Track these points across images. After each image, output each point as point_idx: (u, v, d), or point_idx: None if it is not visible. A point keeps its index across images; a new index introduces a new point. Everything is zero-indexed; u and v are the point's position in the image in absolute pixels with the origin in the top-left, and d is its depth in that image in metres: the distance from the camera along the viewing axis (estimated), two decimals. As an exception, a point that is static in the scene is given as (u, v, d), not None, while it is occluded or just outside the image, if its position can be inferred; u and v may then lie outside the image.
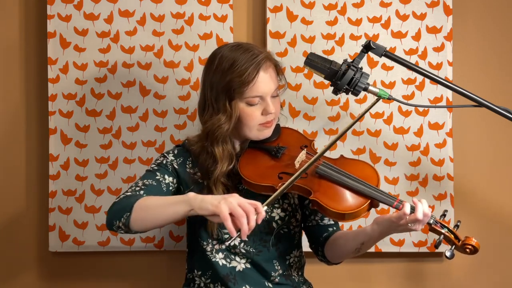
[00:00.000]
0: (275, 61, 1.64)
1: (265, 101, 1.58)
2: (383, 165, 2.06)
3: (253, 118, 1.58)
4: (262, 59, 1.57)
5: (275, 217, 1.59)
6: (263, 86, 1.57)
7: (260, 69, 1.56)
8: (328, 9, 2.05)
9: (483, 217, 2.14)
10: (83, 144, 2.02)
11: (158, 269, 2.10)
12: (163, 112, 2.04)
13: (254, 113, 1.58)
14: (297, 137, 1.69)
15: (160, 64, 2.04)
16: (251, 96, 1.56)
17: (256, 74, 1.55)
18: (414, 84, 2.06)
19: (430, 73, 1.51)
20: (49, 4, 2.01)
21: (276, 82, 1.62)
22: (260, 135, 1.62)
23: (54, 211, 2.02)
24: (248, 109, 1.58)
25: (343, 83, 1.48)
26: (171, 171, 1.63)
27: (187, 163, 1.65)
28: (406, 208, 1.44)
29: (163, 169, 1.63)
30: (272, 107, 1.58)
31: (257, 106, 1.59)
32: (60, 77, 2.02)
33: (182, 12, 2.04)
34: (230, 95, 1.56)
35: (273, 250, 1.60)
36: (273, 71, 1.61)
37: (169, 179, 1.61)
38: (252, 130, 1.60)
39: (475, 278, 2.15)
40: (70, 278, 2.10)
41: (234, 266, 1.58)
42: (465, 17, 2.12)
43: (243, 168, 1.56)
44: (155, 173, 1.61)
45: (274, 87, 1.59)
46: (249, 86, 1.54)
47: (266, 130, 1.62)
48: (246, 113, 1.58)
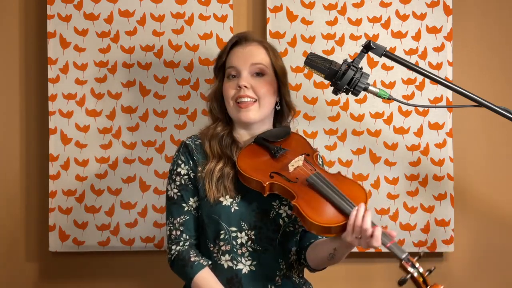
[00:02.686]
0: (261, 41, 1.67)
1: (240, 75, 1.61)
2: (383, 165, 2.06)
3: (227, 91, 1.62)
4: (239, 35, 1.66)
5: (282, 214, 1.59)
6: (236, 58, 1.62)
7: (237, 43, 1.64)
8: (328, 9, 2.06)
9: (483, 217, 2.14)
10: (83, 144, 2.03)
11: (158, 269, 2.10)
12: (163, 112, 2.04)
13: (229, 87, 1.62)
14: (303, 144, 1.66)
15: (160, 64, 2.04)
16: (226, 68, 1.63)
17: (232, 48, 1.64)
18: (414, 84, 2.06)
19: (430, 73, 1.51)
20: (49, 4, 2.01)
21: (259, 60, 1.61)
22: (237, 116, 1.61)
23: (54, 211, 2.02)
24: (226, 83, 1.63)
25: (343, 83, 1.48)
26: (190, 188, 1.62)
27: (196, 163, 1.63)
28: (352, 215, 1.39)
29: (184, 191, 1.62)
30: (243, 81, 1.58)
31: (233, 80, 1.62)
32: (60, 77, 2.02)
33: (182, 12, 2.04)
34: (216, 73, 1.68)
35: (279, 248, 1.60)
36: (257, 50, 1.63)
37: (193, 200, 1.62)
38: (231, 107, 1.63)
39: (475, 278, 2.15)
40: (70, 278, 2.10)
41: (240, 269, 1.57)
42: (465, 17, 2.12)
43: (241, 160, 1.57)
44: (181, 205, 1.61)
45: (251, 62, 1.61)
46: (225, 58, 1.64)
47: (242, 111, 1.60)
48: (224, 86, 1.64)
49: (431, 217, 2.07)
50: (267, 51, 1.64)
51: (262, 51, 1.64)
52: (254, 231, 1.56)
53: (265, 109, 1.62)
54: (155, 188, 2.03)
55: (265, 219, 1.57)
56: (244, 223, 1.56)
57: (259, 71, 1.61)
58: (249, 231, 1.56)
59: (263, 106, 1.62)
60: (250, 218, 1.56)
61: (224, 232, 1.56)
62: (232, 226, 1.55)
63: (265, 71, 1.62)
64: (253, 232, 1.56)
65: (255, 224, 1.56)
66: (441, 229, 2.07)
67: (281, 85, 1.66)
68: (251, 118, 1.61)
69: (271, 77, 1.63)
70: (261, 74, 1.62)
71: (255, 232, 1.56)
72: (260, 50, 1.64)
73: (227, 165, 1.59)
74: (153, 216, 2.03)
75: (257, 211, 1.56)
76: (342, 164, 2.06)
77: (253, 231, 1.56)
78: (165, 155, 2.03)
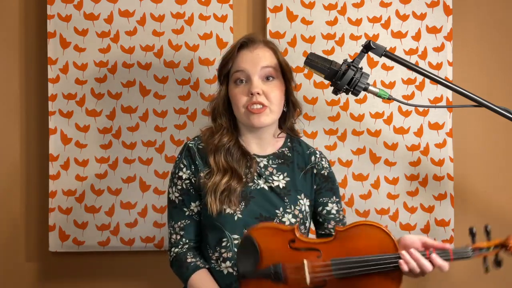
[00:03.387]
0: (266, 41, 1.64)
1: (250, 81, 1.58)
2: (383, 165, 2.06)
3: (238, 98, 1.58)
4: (245, 38, 1.62)
5: (286, 222, 1.57)
6: (245, 62, 1.58)
7: (243, 46, 1.61)
8: (328, 9, 2.05)
9: (483, 217, 2.14)
10: (83, 144, 2.03)
11: (158, 269, 2.10)
12: (163, 112, 2.04)
13: (240, 93, 1.58)
14: (275, 236, 1.43)
15: (160, 64, 2.04)
16: (234, 71, 1.60)
17: (238, 51, 1.60)
18: (414, 84, 2.06)
19: (430, 73, 1.51)
20: (49, 4, 2.01)
21: (268, 63, 1.59)
22: (249, 122, 1.59)
23: (54, 211, 2.02)
24: (235, 89, 1.59)
25: (343, 83, 1.48)
26: (192, 193, 1.61)
27: (198, 168, 1.62)
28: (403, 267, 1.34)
29: (186, 196, 1.62)
30: (256, 87, 1.56)
31: (244, 86, 1.59)
32: (60, 77, 2.02)
33: (182, 12, 2.04)
34: (221, 78, 1.64)
35: None
36: (264, 53, 1.60)
37: (194, 205, 1.62)
38: (241, 113, 1.59)
39: (475, 278, 2.15)
40: (70, 278, 2.10)
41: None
42: (465, 17, 2.12)
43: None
44: (182, 209, 1.61)
45: (261, 66, 1.57)
46: (232, 63, 1.60)
47: (254, 116, 1.57)
48: (233, 92, 1.60)
49: (431, 217, 2.07)
50: (274, 52, 1.63)
51: (270, 53, 1.62)
52: None
53: (276, 113, 1.62)
54: (155, 188, 2.03)
55: None
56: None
57: (269, 75, 1.59)
58: None
59: (274, 111, 1.60)
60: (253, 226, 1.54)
61: (226, 240, 1.55)
62: (235, 234, 1.54)
63: (274, 74, 1.60)
64: None
65: None
66: (441, 229, 2.07)
67: (288, 85, 1.65)
68: (264, 123, 1.59)
69: (280, 79, 1.62)
70: (271, 78, 1.60)
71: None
72: (268, 52, 1.61)
73: (233, 179, 1.56)
74: (153, 216, 2.03)
75: (260, 219, 1.55)
76: (342, 164, 2.06)
77: None
78: (165, 155, 2.03)
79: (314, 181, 1.67)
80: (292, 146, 1.70)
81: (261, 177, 1.61)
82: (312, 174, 1.67)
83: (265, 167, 1.63)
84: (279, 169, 1.64)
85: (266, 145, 1.67)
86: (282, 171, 1.64)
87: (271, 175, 1.62)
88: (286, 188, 1.61)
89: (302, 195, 1.62)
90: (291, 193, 1.60)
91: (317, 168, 1.67)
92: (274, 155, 1.66)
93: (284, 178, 1.63)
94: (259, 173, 1.62)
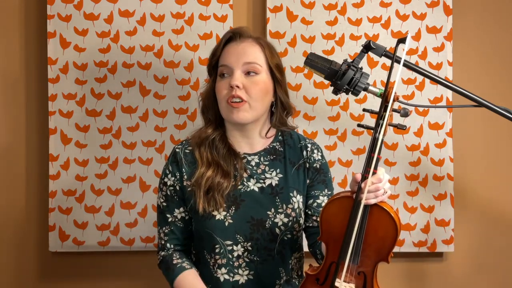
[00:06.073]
0: (257, 38, 1.61)
1: (232, 74, 1.55)
2: (383, 165, 2.05)
3: (219, 91, 1.57)
4: (233, 30, 1.61)
5: (278, 223, 1.55)
6: (230, 55, 1.57)
7: (231, 39, 1.59)
8: (328, 9, 2.05)
9: (483, 217, 2.14)
10: (83, 144, 2.03)
11: (158, 269, 2.09)
12: (163, 112, 2.04)
13: (222, 86, 1.57)
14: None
15: (160, 64, 2.04)
16: (219, 66, 1.59)
17: (226, 44, 1.59)
18: (414, 84, 2.06)
19: (430, 73, 1.51)
20: (49, 4, 2.01)
21: (252, 59, 1.56)
22: (229, 116, 1.56)
23: (54, 211, 2.02)
24: (218, 82, 1.58)
25: (343, 83, 1.48)
26: (176, 199, 1.61)
27: (183, 176, 1.60)
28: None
29: (170, 203, 1.61)
30: (235, 80, 1.53)
31: (226, 79, 1.57)
32: (60, 77, 2.02)
33: (182, 12, 2.04)
34: (210, 72, 1.63)
35: (278, 257, 1.56)
36: (251, 48, 1.57)
37: (178, 211, 1.61)
38: (222, 106, 1.58)
39: (475, 278, 2.15)
40: (70, 278, 2.10)
41: (237, 280, 1.55)
42: (465, 17, 2.12)
43: None
44: (165, 215, 1.61)
45: (244, 61, 1.55)
46: (219, 56, 1.59)
47: (234, 111, 1.54)
48: (217, 85, 1.59)
49: (431, 217, 2.07)
50: (262, 48, 1.58)
51: (257, 48, 1.58)
52: (250, 242, 1.53)
53: (258, 110, 1.57)
54: (155, 188, 2.03)
55: (261, 229, 1.54)
56: (239, 236, 1.53)
57: (252, 70, 1.55)
58: (245, 243, 1.54)
59: (255, 108, 1.56)
60: (245, 230, 1.53)
61: (219, 246, 1.54)
62: (227, 240, 1.53)
63: (259, 70, 1.56)
64: (249, 243, 1.53)
65: (251, 235, 1.53)
66: (441, 229, 2.07)
67: (277, 84, 1.60)
68: (242, 119, 1.55)
69: (265, 76, 1.57)
70: (254, 73, 1.55)
71: (252, 243, 1.53)
72: (255, 47, 1.57)
73: (216, 174, 1.54)
74: (153, 216, 2.03)
75: (252, 223, 1.54)
76: (342, 164, 2.06)
77: (249, 242, 1.53)
78: (165, 155, 2.03)
79: (307, 175, 1.63)
80: (284, 140, 1.66)
81: (252, 178, 1.59)
82: (304, 169, 1.63)
83: (256, 165, 1.61)
84: (271, 166, 1.61)
85: (256, 144, 1.64)
86: (274, 167, 1.61)
87: (263, 173, 1.59)
88: (278, 186, 1.58)
89: (295, 191, 1.59)
90: (283, 190, 1.58)
91: (309, 162, 1.64)
92: (265, 151, 1.63)
93: (277, 174, 1.60)
94: (250, 174, 1.59)
